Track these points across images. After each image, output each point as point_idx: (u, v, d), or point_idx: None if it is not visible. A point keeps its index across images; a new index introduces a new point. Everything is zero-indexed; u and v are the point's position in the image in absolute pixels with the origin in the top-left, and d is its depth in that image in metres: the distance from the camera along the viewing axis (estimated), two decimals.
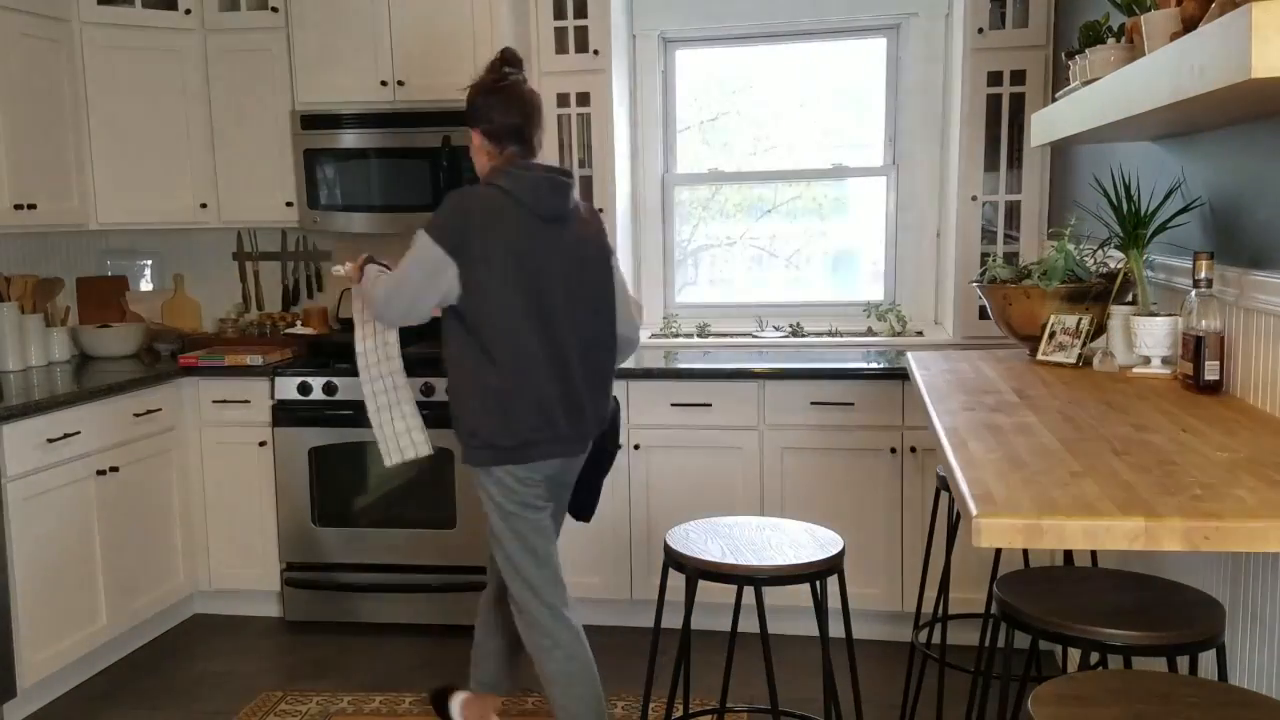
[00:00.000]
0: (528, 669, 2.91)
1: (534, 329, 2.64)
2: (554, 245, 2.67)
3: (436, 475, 3.94)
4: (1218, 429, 2.03)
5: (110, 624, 3.69)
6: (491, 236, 2.60)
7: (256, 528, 4.12)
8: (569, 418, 2.70)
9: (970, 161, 4.05)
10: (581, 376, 2.72)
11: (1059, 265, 2.91)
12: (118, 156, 4.14)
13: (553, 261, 2.66)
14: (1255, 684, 2.10)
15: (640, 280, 4.63)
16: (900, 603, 3.77)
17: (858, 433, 3.74)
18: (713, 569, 2.40)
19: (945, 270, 4.26)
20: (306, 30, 4.11)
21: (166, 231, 4.59)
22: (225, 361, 4.08)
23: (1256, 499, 1.57)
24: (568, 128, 4.32)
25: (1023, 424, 2.14)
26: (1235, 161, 2.38)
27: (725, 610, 2.91)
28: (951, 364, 2.97)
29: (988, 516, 1.54)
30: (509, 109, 2.69)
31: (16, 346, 3.99)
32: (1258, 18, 1.40)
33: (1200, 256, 2.37)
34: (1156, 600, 1.97)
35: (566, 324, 2.68)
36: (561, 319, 2.68)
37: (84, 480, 3.57)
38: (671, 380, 3.85)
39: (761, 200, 4.72)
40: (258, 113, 4.24)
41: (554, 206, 2.67)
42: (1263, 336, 2.20)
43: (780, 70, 4.59)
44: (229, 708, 3.45)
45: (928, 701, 3.26)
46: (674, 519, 3.79)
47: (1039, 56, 3.96)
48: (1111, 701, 1.58)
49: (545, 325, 2.65)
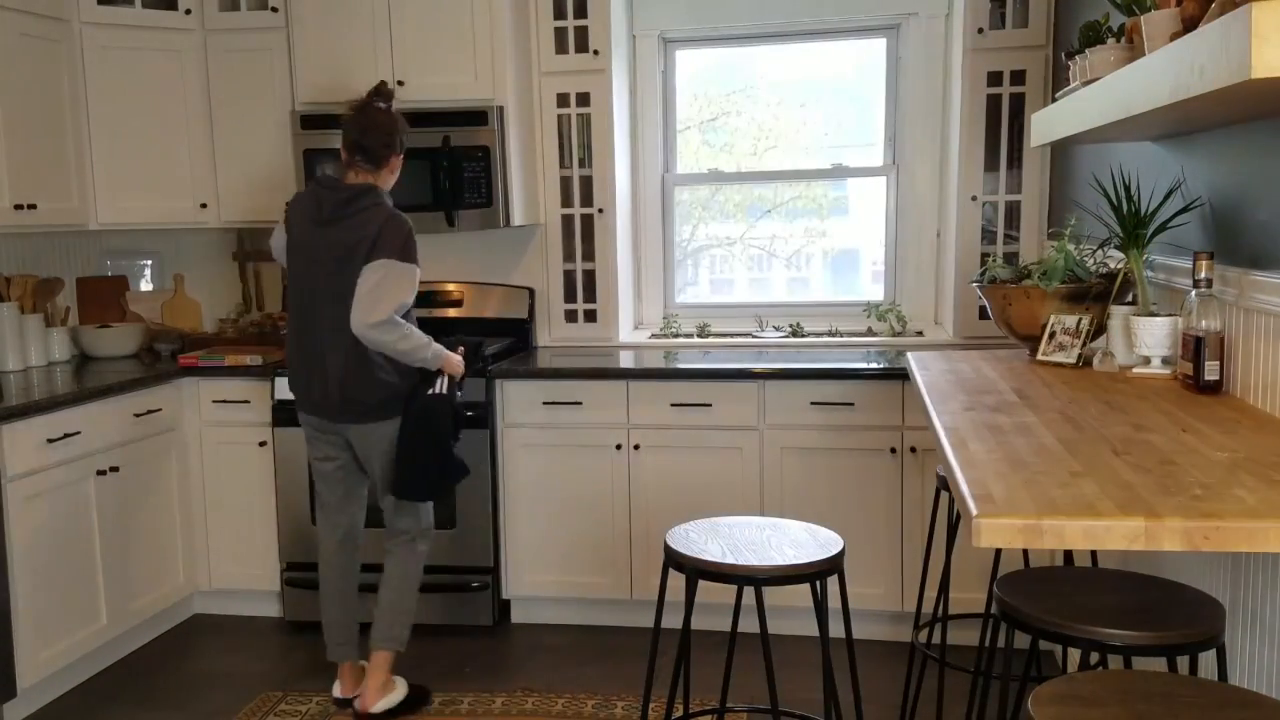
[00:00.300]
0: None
1: (295, 310, 3.27)
2: (320, 243, 3.16)
3: None
4: (1218, 429, 2.03)
5: (110, 624, 3.69)
6: (291, 232, 3.27)
7: (256, 528, 4.12)
8: (315, 389, 3.23)
9: (970, 161, 4.05)
10: (327, 355, 3.18)
11: (1059, 265, 2.91)
12: (118, 156, 4.14)
13: (317, 256, 3.17)
14: (1255, 684, 2.10)
15: (640, 280, 4.63)
16: (900, 603, 3.77)
17: (858, 433, 3.74)
18: (713, 569, 2.40)
19: (945, 270, 4.26)
20: (306, 30, 4.11)
21: (166, 231, 4.59)
22: (225, 361, 4.08)
23: (1256, 499, 1.57)
24: (568, 128, 4.32)
25: (1023, 424, 2.14)
26: (1235, 161, 2.38)
27: (725, 610, 2.91)
28: (951, 364, 2.97)
29: (988, 516, 1.54)
30: (351, 127, 3.22)
31: (16, 346, 3.99)
32: (1258, 18, 1.40)
33: (1200, 256, 2.37)
34: (1156, 600, 1.97)
35: (316, 310, 3.18)
36: (315, 305, 3.19)
37: (84, 480, 3.57)
38: (671, 380, 3.85)
39: (761, 200, 4.72)
40: (258, 113, 4.24)
41: (322, 212, 3.17)
42: (1263, 336, 2.20)
43: (780, 70, 4.59)
44: (229, 708, 3.45)
45: (928, 701, 3.27)
46: (674, 519, 3.79)
47: (1039, 56, 3.96)
48: (1111, 701, 1.58)
49: (302, 308, 3.23)
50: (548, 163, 4.37)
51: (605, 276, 4.39)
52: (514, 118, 4.12)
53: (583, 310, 4.44)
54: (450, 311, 4.46)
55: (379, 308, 3.05)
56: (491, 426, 3.95)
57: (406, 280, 3.11)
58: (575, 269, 4.42)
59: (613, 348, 4.38)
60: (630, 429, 3.88)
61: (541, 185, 4.39)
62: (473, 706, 3.41)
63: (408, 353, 3.13)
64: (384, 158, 3.22)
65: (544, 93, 4.32)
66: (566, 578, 3.99)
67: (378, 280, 3.07)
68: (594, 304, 4.42)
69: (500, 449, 3.97)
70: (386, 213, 3.16)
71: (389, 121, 3.23)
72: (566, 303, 4.45)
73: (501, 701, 3.44)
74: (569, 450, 3.93)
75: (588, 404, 3.90)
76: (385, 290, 3.07)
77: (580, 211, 4.38)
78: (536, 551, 3.99)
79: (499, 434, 3.97)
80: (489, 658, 3.80)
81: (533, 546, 3.99)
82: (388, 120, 3.23)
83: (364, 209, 3.14)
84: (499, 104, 4.03)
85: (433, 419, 3.22)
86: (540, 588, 4.02)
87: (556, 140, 4.34)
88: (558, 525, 3.97)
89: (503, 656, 3.81)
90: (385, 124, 3.22)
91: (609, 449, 3.90)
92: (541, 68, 4.29)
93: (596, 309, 4.42)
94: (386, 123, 3.22)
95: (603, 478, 3.92)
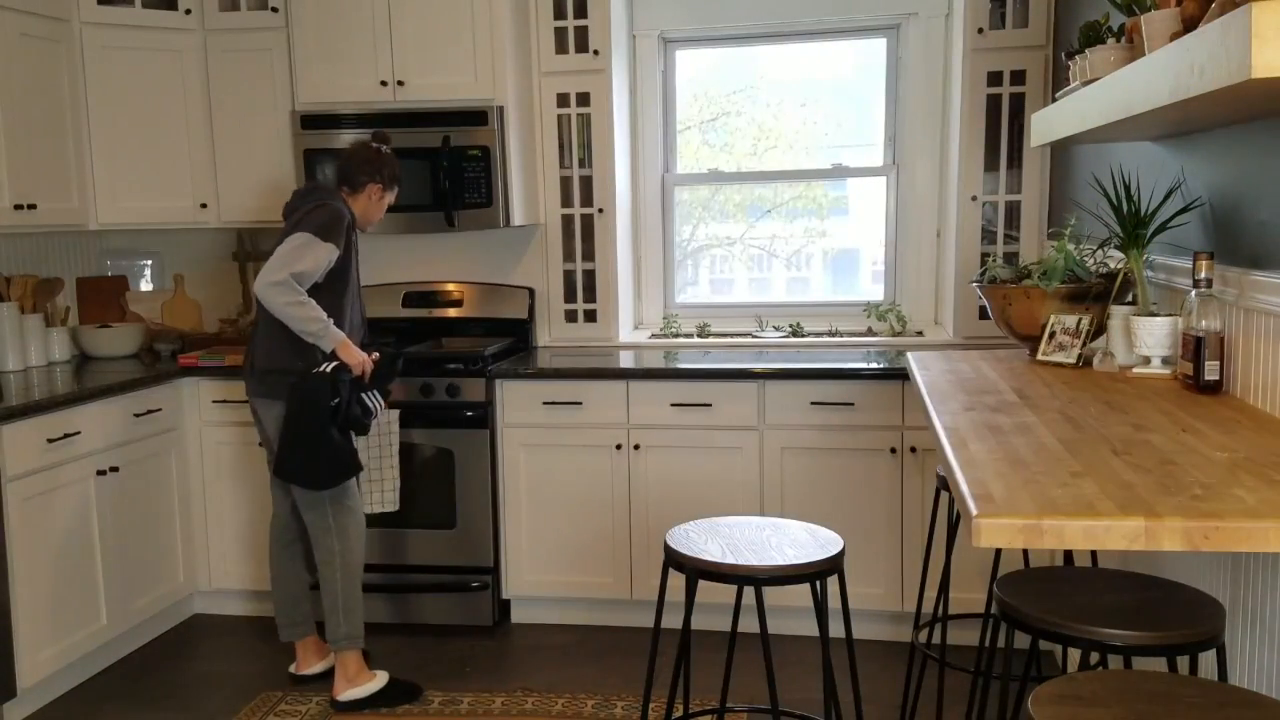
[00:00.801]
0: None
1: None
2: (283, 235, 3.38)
3: (436, 476, 3.95)
4: (1218, 429, 2.03)
5: (110, 624, 3.69)
6: None
7: (257, 528, 4.12)
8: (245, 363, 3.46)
9: (970, 161, 4.05)
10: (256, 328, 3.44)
11: (1059, 265, 2.91)
12: (118, 156, 4.14)
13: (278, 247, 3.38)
14: (1255, 684, 2.10)
15: (640, 280, 4.63)
16: (900, 603, 3.77)
17: (858, 433, 3.74)
18: (713, 569, 2.40)
19: (945, 270, 4.26)
20: (306, 30, 4.11)
21: (166, 231, 4.59)
22: (225, 361, 4.08)
23: (1256, 499, 1.57)
24: (567, 128, 4.32)
25: (1023, 424, 2.14)
26: (1235, 161, 2.38)
27: (725, 610, 2.91)
28: (951, 364, 2.97)
29: (988, 516, 1.54)
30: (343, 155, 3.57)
31: (16, 346, 3.99)
32: (1258, 18, 1.40)
33: (1200, 256, 2.37)
34: (1156, 600, 1.97)
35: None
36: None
37: (84, 480, 3.57)
38: (671, 380, 3.85)
39: (761, 200, 4.72)
40: (258, 113, 4.24)
41: (288, 209, 3.46)
42: (1263, 336, 2.20)
43: (780, 70, 4.59)
44: (229, 708, 3.45)
45: (928, 701, 3.27)
46: (674, 519, 3.80)
47: (1039, 56, 3.96)
48: (1111, 701, 1.58)
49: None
50: (548, 163, 4.37)
51: (605, 276, 4.39)
52: (514, 118, 4.12)
53: (583, 310, 4.44)
54: (450, 311, 4.46)
55: (280, 270, 3.22)
56: (491, 426, 3.95)
57: (314, 251, 3.26)
58: (575, 269, 4.42)
59: (613, 348, 4.38)
60: (630, 429, 3.88)
61: (541, 185, 4.39)
62: (473, 706, 3.41)
63: (297, 319, 3.24)
64: (361, 184, 3.47)
65: (544, 93, 4.32)
66: (566, 578, 3.99)
67: (289, 248, 3.26)
68: (594, 304, 4.42)
69: (500, 449, 3.97)
70: (325, 202, 3.38)
71: (371, 156, 3.49)
72: (566, 303, 4.45)
73: (501, 701, 3.44)
74: (569, 450, 3.93)
75: (588, 404, 3.90)
76: (292, 256, 3.24)
77: (580, 211, 4.38)
78: (536, 551, 3.99)
79: (499, 434, 3.97)
80: (489, 658, 3.80)
81: (533, 546, 3.99)
82: (370, 154, 3.50)
83: (316, 202, 3.37)
84: (499, 104, 4.03)
85: (307, 397, 3.27)
86: (540, 588, 4.02)
87: (556, 140, 4.34)
88: (558, 525, 3.97)
89: (503, 656, 3.81)
90: (367, 157, 3.49)
91: (609, 449, 3.90)
92: (541, 68, 4.29)
93: (596, 309, 4.42)
94: (368, 156, 3.49)
95: (603, 478, 3.92)
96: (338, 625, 3.43)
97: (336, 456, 3.31)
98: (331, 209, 3.35)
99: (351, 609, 3.43)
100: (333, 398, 3.28)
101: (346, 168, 3.49)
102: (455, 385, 3.92)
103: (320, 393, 3.26)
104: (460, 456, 3.94)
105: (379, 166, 3.49)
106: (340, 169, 3.51)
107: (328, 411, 3.27)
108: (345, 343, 3.32)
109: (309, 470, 3.31)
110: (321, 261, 3.27)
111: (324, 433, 3.27)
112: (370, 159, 3.49)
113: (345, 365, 3.31)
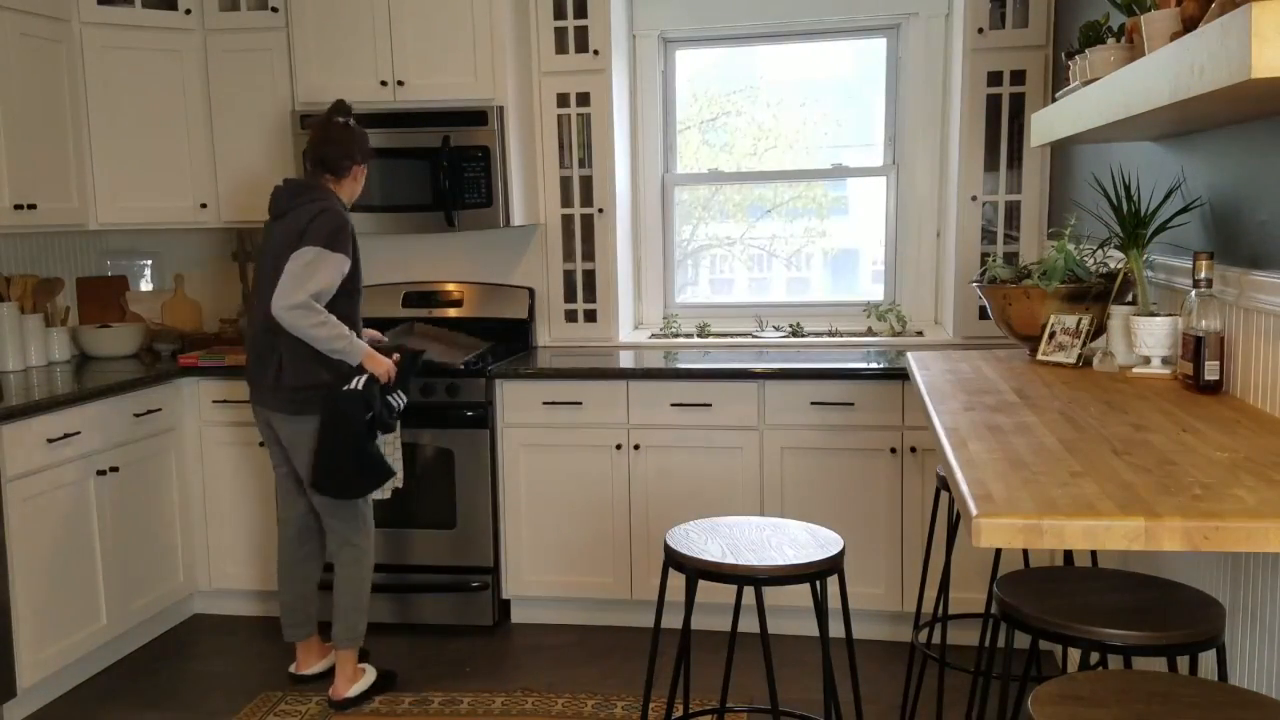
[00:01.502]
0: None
1: (251, 299, 3.49)
2: (270, 236, 3.37)
3: (436, 475, 3.95)
4: (1218, 429, 2.03)
5: (110, 624, 3.69)
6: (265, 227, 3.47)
7: (256, 528, 4.12)
8: (253, 374, 3.40)
9: (970, 161, 4.05)
10: (259, 338, 3.34)
11: (1059, 265, 2.91)
12: (118, 156, 4.14)
13: (267, 247, 3.36)
14: (1255, 684, 2.10)
15: (640, 280, 4.63)
16: (900, 603, 3.77)
17: (858, 433, 3.74)
18: (713, 569, 2.40)
19: (945, 270, 4.26)
20: (306, 30, 4.11)
21: (166, 231, 4.59)
22: (225, 361, 4.08)
23: (1256, 499, 1.57)
24: (567, 128, 4.32)
25: (1023, 424, 2.14)
26: (1235, 161, 2.38)
27: (725, 610, 2.91)
28: (951, 364, 2.97)
29: (988, 516, 1.54)
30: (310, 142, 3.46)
31: (16, 346, 3.99)
32: (1258, 18, 1.40)
33: (1200, 256, 2.37)
34: (1156, 600, 1.97)
35: (261, 298, 3.31)
36: (257, 292, 3.35)
37: (84, 480, 3.57)
38: (671, 380, 3.85)
39: (761, 200, 4.72)
40: (258, 113, 4.24)
41: (277, 207, 3.39)
42: (1263, 336, 2.20)
43: (780, 70, 4.59)
44: (229, 708, 3.45)
45: (928, 701, 3.27)
46: (674, 519, 3.80)
47: (1039, 56, 3.96)
48: (1111, 701, 1.58)
49: (253, 296, 3.41)
50: (548, 163, 4.37)
51: (605, 276, 4.39)
52: (514, 118, 4.12)
53: (583, 310, 4.44)
54: (450, 311, 4.46)
55: (297, 291, 3.16)
56: (491, 426, 3.95)
57: (329, 266, 3.21)
58: (575, 269, 4.42)
59: (613, 348, 4.38)
60: (630, 429, 3.88)
61: (541, 185, 4.39)
62: (473, 706, 3.41)
63: (323, 340, 3.21)
64: (345, 169, 3.42)
65: (544, 93, 4.32)
66: (566, 578, 3.99)
67: (301, 265, 3.19)
68: (594, 304, 4.42)
69: (500, 449, 3.97)
70: (324, 206, 3.30)
71: (346, 136, 3.43)
72: (566, 303, 4.45)
73: (501, 701, 3.44)
74: (569, 450, 3.93)
75: (588, 404, 3.90)
76: (306, 274, 3.18)
77: (580, 211, 4.38)
78: (536, 551, 3.99)
79: (499, 434, 3.97)
80: (489, 658, 3.80)
81: (533, 546, 3.99)
82: (344, 135, 3.43)
83: (310, 201, 3.32)
84: (499, 104, 4.03)
85: (343, 414, 3.26)
86: (540, 588, 4.02)
87: (556, 140, 4.34)
88: (558, 525, 3.97)
89: (503, 656, 3.81)
90: (342, 139, 3.42)
91: (609, 449, 3.90)
92: (541, 68, 4.29)
93: (596, 309, 4.42)
94: (343, 138, 3.42)
95: (603, 478, 3.92)
96: (352, 625, 3.44)
97: (374, 467, 3.34)
98: (333, 214, 3.29)
99: (365, 609, 3.47)
100: (367, 412, 3.28)
101: (327, 155, 3.39)
102: (455, 385, 3.92)
103: (356, 409, 3.26)
104: (460, 456, 3.94)
105: (356, 145, 3.44)
106: (321, 157, 3.40)
107: (364, 426, 3.28)
108: (370, 354, 3.31)
109: (350, 484, 3.33)
110: (335, 274, 3.23)
111: (364, 448, 3.29)
112: (345, 140, 3.42)
113: (374, 376, 3.31)
